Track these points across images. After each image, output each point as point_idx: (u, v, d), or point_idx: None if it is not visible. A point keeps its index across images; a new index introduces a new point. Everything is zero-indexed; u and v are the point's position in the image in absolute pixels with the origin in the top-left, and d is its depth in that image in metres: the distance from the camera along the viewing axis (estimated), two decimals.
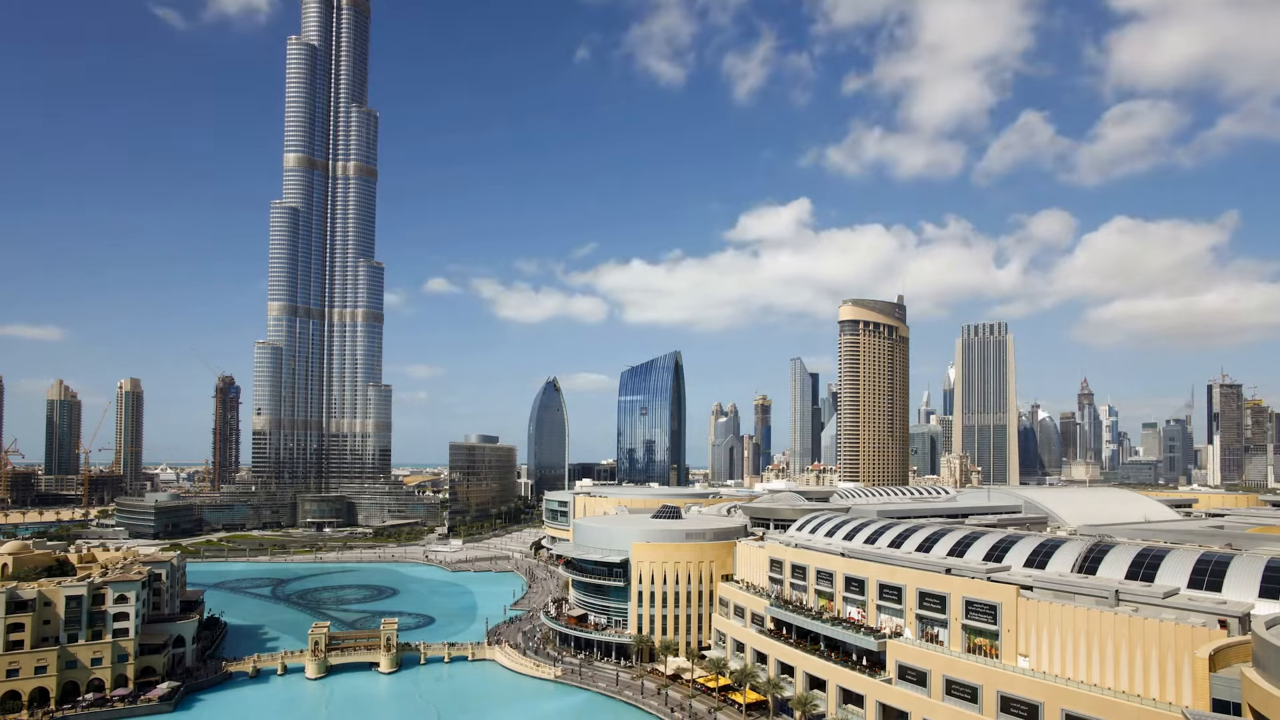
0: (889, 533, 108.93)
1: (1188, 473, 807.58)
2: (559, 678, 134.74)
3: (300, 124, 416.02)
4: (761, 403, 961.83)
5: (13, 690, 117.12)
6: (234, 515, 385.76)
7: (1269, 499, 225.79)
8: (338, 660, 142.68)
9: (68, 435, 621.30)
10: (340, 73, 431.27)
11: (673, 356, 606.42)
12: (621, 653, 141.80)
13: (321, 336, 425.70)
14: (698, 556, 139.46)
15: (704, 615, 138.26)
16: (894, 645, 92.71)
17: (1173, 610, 71.56)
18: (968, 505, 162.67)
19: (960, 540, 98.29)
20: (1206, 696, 62.96)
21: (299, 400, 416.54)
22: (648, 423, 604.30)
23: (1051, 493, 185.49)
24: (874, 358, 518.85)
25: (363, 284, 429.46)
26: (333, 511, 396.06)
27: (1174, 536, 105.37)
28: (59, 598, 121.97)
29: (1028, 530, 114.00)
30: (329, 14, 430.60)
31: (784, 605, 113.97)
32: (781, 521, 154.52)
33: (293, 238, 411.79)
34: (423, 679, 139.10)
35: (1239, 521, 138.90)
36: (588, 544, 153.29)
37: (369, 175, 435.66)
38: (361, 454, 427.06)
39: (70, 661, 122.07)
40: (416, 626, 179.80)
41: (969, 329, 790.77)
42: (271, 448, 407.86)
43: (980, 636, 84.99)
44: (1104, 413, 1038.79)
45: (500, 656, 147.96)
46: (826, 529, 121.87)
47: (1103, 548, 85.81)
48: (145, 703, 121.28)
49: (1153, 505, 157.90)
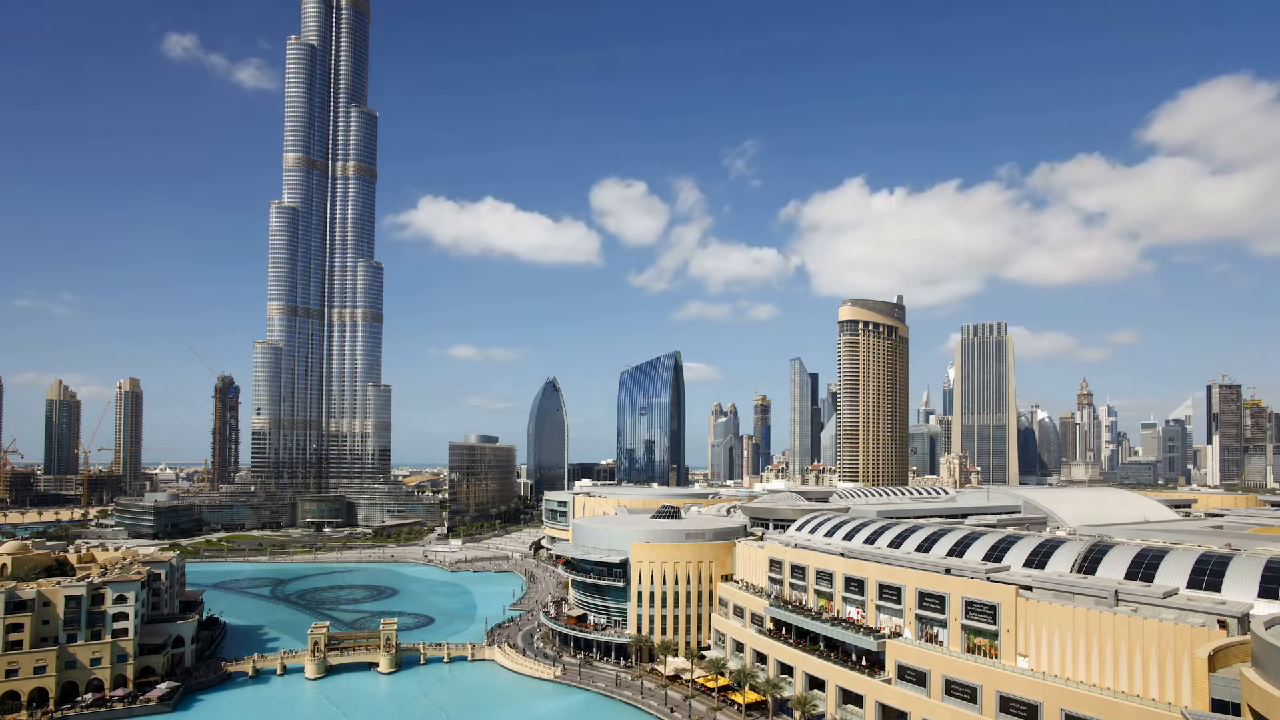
0: (888, 533, 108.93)
1: (1187, 473, 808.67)
2: (558, 678, 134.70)
3: (300, 124, 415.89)
4: (761, 403, 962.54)
5: (12, 690, 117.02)
6: (233, 515, 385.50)
7: (1268, 499, 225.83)
8: (337, 660, 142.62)
9: (67, 435, 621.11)
10: (340, 73, 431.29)
11: (673, 357, 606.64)
12: (621, 653, 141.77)
13: (321, 336, 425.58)
14: (697, 556, 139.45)
15: (703, 615, 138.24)
16: (893, 645, 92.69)
17: (1172, 610, 71.54)
18: (967, 505, 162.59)
19: (960, 540, 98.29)
20: (1206, 696, 62.97)
21: (298, 400, 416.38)
22: (647, 423, 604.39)
23: (1051, 493, 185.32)
24: (874, 358, 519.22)
25: (362, 284, 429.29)
26: (332, 511, 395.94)
27: (1173, 536, 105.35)
28: (58, 598, 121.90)
29: (1027, 530, 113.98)
30: (329, 14, 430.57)
31: (783, 605, 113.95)
32: (781, 522, 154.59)
33: (292, 238, 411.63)
34: (422, 679, 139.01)
35: (1238, 521, 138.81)
36: (587, 544, 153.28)
37: (368, 175, 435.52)
38: (361, 454, 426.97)
39: (69, 662, 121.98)
40: (416, 626, 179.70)
41: (969, 329, 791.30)
42: (271, 448, 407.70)
43: (980, 636, 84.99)
44: (1103, 413, 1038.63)
45: (500, 656, 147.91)
46: (826, 529, 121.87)
47: (1102, 548, 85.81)
48: (144, 703, 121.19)
49: (1152, 505, 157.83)
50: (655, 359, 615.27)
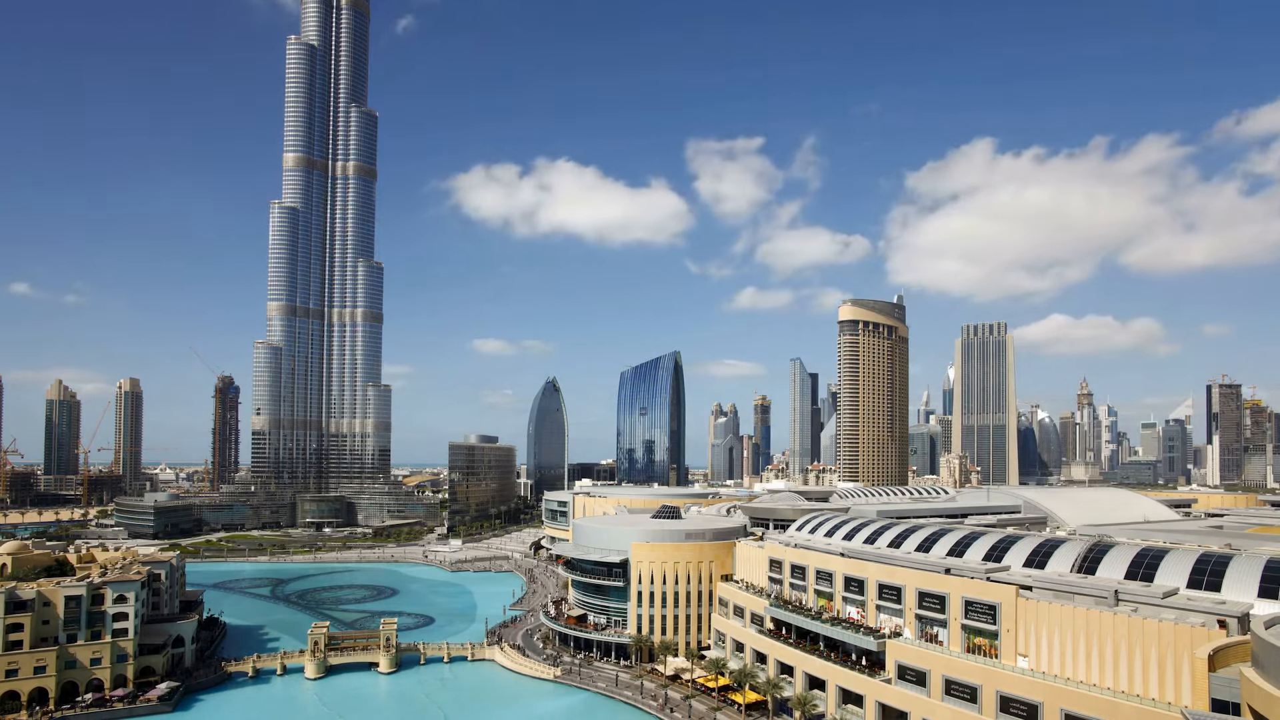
0: (888, 533, 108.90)
1: (1187, 473, 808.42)
2: (558, 678, 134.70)
3: (300, 124, 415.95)
4: (761, 403, 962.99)
5: (12, 690, 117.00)
6: (233, 515, 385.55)
7: (1268, 499, 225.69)
8: (337, 660, 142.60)
9: (67, 435, 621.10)
10: (340, 73, 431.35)
11: (672, 357, 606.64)
12: (621, 653, 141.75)
13: (321, 336, 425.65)
14: (697, 556, 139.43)
15: (703, 615, 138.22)
16: (893, 645, 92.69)
17: (1172, 610, 71.51)
18: (967, 505, 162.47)
19: (960, 540, 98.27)
20: (1206, 696, 62.95)
21: (298, 400, 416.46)
22: (647, 423, 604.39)
23: (1051, 493, 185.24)
24: (874, 358, 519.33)
25: (362, 284, 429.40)
26: (332, 511, 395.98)
27: (1173, 536, 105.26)
28: (58, 598, 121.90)
29: (1027, 530, 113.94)
30: (329, 14, 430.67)
31: (783, 605, 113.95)
32: (781, 521, 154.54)
33: (292, 238, 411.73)
34: (422, 679, 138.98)
35: (1238, 521, 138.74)
36: (587, 544, 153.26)
37: (368, 175, 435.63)
38: (361, 454, 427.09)
39: (69, 662, 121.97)
40: (416, 626, 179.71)
41: (969, 329, 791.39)
42: (271, 448, 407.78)
43: (980, 636, 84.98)
44: (1103, 413, 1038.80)
45: (500, 656, 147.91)
46: (826, 529, 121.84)
47: (1102, 548, 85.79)
48: (144, 703, 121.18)
49: (1152, 505, 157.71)
50: (655, 359, 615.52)
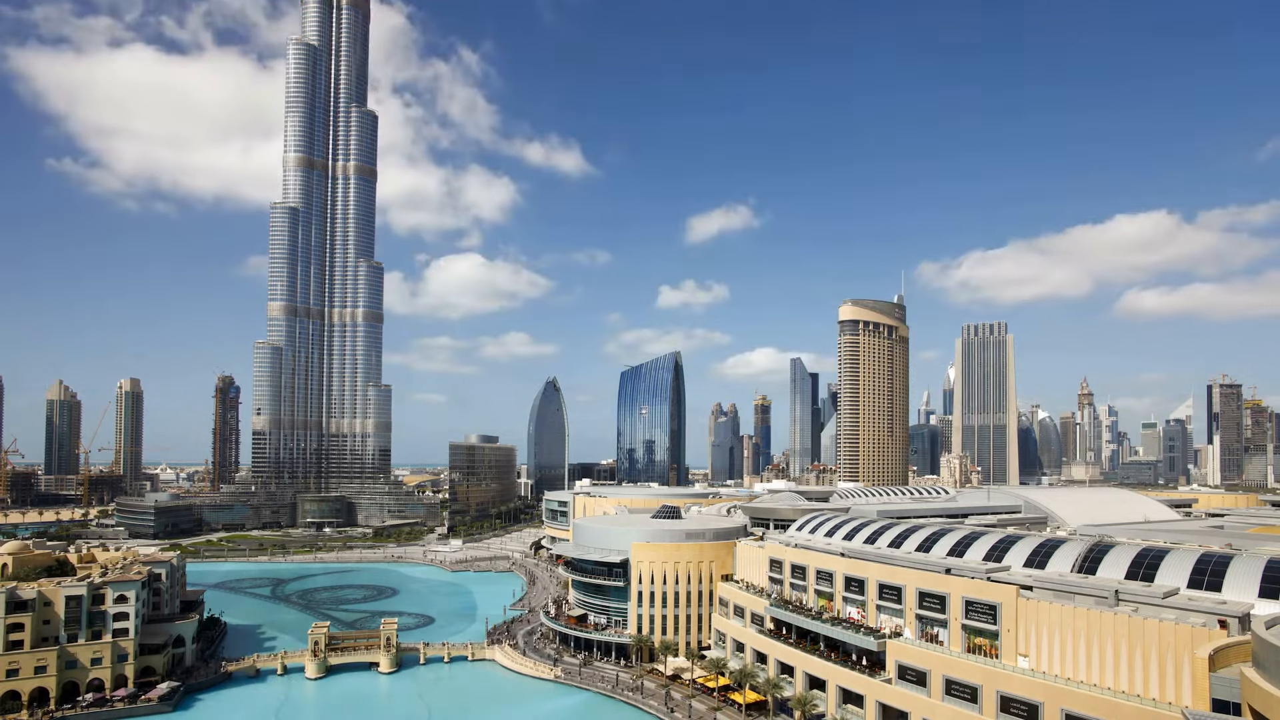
0: (889, 533, 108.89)
1: (1187, 473, 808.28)
2: (558, 678, 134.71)
3: (300, 124, 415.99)
4: (761, 403, 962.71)
5: (12, 690, 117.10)
6: (234, 515, 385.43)
7: (1269, 499, 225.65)
8: (337, 660, 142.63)
9: (67, 435, 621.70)
10: (340, 73, 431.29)
11: (672, 357, 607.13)
12: (621, 653, 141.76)
13: (321, 336, 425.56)
14: (697, 556, 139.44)
15: (704, 615, 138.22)
16: (894, 645, 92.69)
17: (1173, 610, 71.51)
18: (967, 505, 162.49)
19: (960, 540, 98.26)
20: (1206, 696, 62.95)
21: (299, 400, 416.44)
22: (647, 423, 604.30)
23: (1051, 493, 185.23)
24: (874, 358, 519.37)
25: (362, 284, 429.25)
26: (332, 511, 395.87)
27: (1174, 536, 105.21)
28: (59, 598, 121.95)
29: (1027, 530, 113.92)
30: (329, 14, 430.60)
31: (784, 605, 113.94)
32: (781, 521, 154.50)
33: (293, 238, 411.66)
34: (422, 679, 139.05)
35: (1239, 521, 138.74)
36: (587, 544, 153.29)
37: (369, 175, 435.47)
38: (361, 454, 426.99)
39: (70, 661, 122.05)
40: (416, 626, 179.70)
41: (969, 329, 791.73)
42: (271, 448, 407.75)
43: (980, 636, 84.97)
44: (1104, 413, 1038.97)
45: (500, 656, 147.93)
46: (826, 529, 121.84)
47: (1102, 548, 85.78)
48: (145, 703, 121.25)
49: (1152, 505, 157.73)
50: (655, 359, 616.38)
